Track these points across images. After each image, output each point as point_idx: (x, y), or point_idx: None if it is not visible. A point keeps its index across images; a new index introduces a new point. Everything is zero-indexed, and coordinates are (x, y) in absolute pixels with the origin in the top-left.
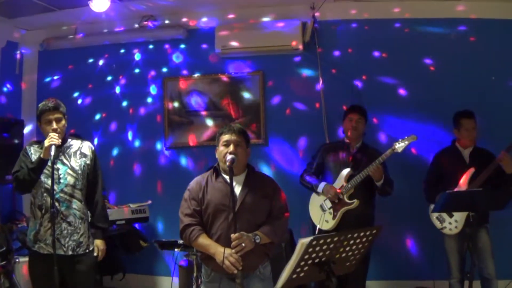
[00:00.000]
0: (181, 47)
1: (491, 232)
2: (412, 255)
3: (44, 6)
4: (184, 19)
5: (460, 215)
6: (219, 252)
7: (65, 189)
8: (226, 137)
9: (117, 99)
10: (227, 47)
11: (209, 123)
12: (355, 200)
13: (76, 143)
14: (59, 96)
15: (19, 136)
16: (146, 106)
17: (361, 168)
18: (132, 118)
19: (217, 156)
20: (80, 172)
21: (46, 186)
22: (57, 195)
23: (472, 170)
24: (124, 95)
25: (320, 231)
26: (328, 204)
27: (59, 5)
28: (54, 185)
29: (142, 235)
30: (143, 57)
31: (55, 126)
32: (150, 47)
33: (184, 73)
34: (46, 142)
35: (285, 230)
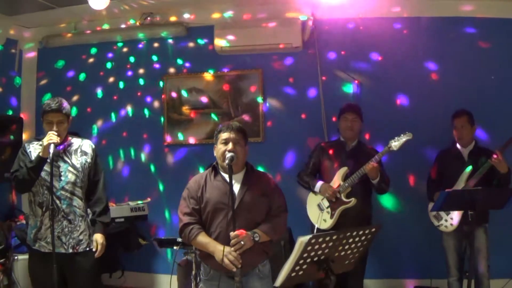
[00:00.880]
0: (180, 44)
1: (490, 231)
2: (410, 254)
3: (43, 4)
4: (183, 16)
5: (456, 212)
6: (219, 250)
7: (66, 186)
8: (225, 135)
9: (117, 96)
10: (227, 45)
11: (208, 120)
12: (352, 198)
13: (76, 141)
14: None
15: (18, 133)
16: (145, 103)
17: (357, 166)
18: (131, 116)
19: (215, 154)
20: (81, 170)
21: (47, 184)
22: (58, 193)
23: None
24: (123, 93)
25: (318, 230)
26: (325, 203)
27: (58, 2)
28: (53, 182)
29: (141, 233)
30: (142, 54)
31: (55, 129)
32: (150, 44)
33: (183, 70)
34: (45, 141)
35: (284, 228)
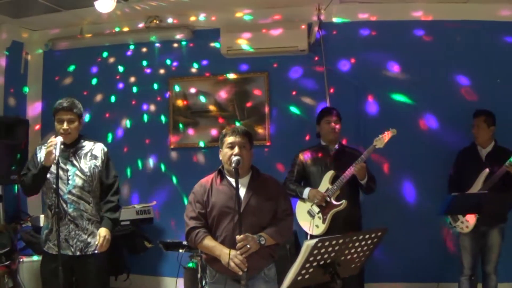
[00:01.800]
0: (186, 47)
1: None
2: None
3: (49, 6)
4: (190, 19)
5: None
6: (225, 254)
7: (73, 190)
8: (230, 139)
9: (122, 99)
10: (233, 48)
11: (214, 123)
12: (343, 201)
13: (88, 145)
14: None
15: (24, 136)
16: (152, 106)
17: (343, 169)
18: (137, 118)
19: (221, 158)
20: (89, 174)
21: (55, 187)
22: (65, 196)
23: (487, 171)
24: (130, 95)
25: (312, 237)
26: (315, 209)
27: (64, 5)
28: (60, 186)
29: (146, 235)
30: (148, 57)
31: (65, 126)
32: (156, 48)
33: (189, 73)
34: (45, 150)
35: (289, 232)
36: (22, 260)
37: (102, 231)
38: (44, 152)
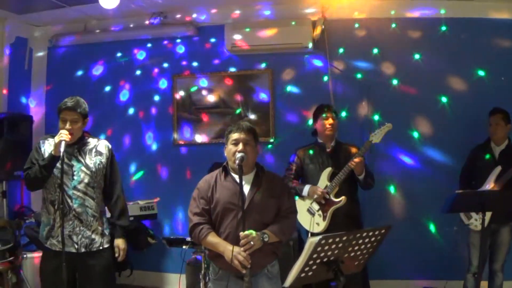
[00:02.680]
0: (190, 44)
1: None
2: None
3: (53, 2)
4: (193, 15)
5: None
6: (228, 250)
7: (78, 186)
8: (235, 135)
9: (126, 95)
10: (237, 45)
11: (218, 120)
12: (342, 197)
13: (92, 141)
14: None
15: (27, 132)
16: (155, 102)
17: (341, 165)
18: (141, 115)
19: (226, 154)
20: (94, 170)
21: (59, 182)
22: (70, 192)
23: (499, 168)
24: (133, 92)
25: (313, 235)
26: (315, 206)
27: (68, 1)
28: (64, 181)
29: (150, 232)
30: (152, 53)
31: (68, 127)
32: (160, 44)
33: (193, 70)
34: (56, 139)
35: (293, 229)
36: (25, 256)
37: (120, 243)
38: (55, 142)
